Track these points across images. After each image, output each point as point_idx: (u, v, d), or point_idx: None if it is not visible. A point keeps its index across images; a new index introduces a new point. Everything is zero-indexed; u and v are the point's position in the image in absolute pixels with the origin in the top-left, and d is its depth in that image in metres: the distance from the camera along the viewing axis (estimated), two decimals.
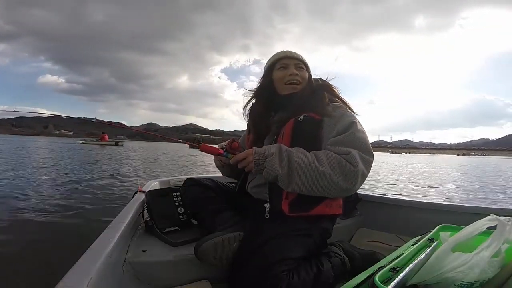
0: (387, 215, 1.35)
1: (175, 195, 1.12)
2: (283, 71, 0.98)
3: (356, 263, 0.90)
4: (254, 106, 1.06)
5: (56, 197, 3.29)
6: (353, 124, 0.86)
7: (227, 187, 1.12)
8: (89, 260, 0.58)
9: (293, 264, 0.76)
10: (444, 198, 4.73)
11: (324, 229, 0.90)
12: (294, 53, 1.01)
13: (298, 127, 0.90)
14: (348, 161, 0.78)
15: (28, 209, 2.69)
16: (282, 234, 0.81)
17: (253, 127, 1.05)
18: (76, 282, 0.49)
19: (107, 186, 4.15)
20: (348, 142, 0.82)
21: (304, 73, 1.00)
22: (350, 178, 0.78)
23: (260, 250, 0.78)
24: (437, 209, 1.24)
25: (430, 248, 0.71)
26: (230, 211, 1.01)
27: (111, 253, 0.64)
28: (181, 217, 1.07)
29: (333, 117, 0.89)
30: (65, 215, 2.57)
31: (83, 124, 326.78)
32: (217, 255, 0.80)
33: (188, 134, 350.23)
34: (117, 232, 0.75)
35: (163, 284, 0.81)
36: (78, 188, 3.94)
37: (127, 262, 0.78)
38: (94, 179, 4.77)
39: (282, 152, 0.83)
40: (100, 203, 3.12)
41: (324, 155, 0.81)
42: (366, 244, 1.18)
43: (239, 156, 0.89)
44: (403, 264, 0.63)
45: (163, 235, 0.94)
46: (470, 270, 0.61)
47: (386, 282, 0.55)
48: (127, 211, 0.96)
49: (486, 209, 1.10)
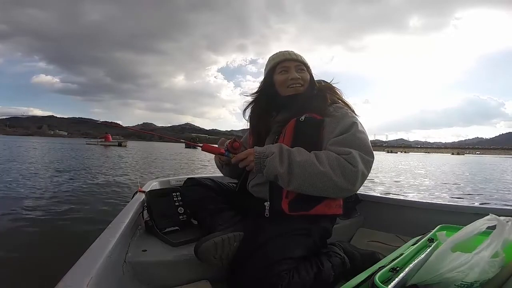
0: (387, 215, 1.35)
1: (175, 195, 1.12)
2: (284, 75, 0.98)
3: (356, 263, 0.90)
4: (256, 107, 1.06)
5: (56, 197, 3.29)
6: (354, 125, 0.86)
7: (227, 187, 1.12)
8: (89, 260, 0.58)
9: (294, 264, 0.76)
10: (444, 198, 4.73)
11: (324, 229, 0.90)
12: (294, 54, 1.01)
13: (300, 127, 0.90)
14: (348, 161, 0.78)
15: (28, 209, 2.69)
16: (282, 233, 0.81)
17: (254, 127, 1.05)
18: (76, 282, 0.49)
19: (108, 186, 4.15)
20: (349, 142, 0.82)
21: (306, 75, 1.00)
22: (350, 178, 0.78)
23: (261, 249, 0.78)
24: (437, 209, 1.24)
25: (430, 248, 0.72)
26: (230, 211, 1.01)
27: (111, 253, 0.64)
28: (181, 217, 1.07)
29: (334, 117, 0.89)
30: (65, 215, 2.57)
31: (78, 124, 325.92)
32: (217, 255, 0.80)
33: (184, 134, 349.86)
34: (117, 232, 0.75)
35: (163, 284, 0.81)
36: (78, 188, 3.94)
37: (127, 262, 0.78)
38: (94, 179, 4.77)
39: (282, 151, 0.83)
40: (100, 203, 3.12)
41: (324, 155, 0.81)
42: (366, 244, 1.19)
43: (240, 156, 0.89)
44: (403, 264, 0.64)
45: (163, 235, 0.94)
46: (470, 270, 0.61)
47: (386, 282, 0.55)
48: (127, 211, 0.96)
49: (486, 209, 1.10)
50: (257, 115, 1.05)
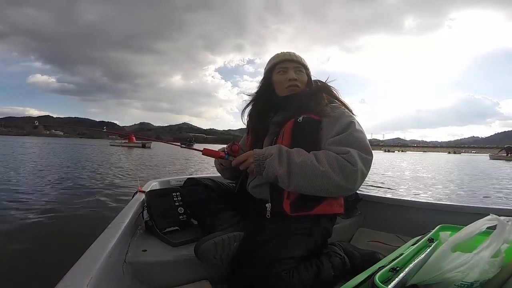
0: (387, 215, 1.35)
1: (175, 195, 1.12)
2: (282, 75, 0.99)
3: (356, 263, 0.90)
4: (254, 107, 1.07)
5: (56, 197, 3.29)
6: (352, 124, 0.87)
7: (227, 187, 1.12)
8: (89, 260, 0.58)
9: (294, 263, 0.76)
10: (444, 198, 4.73)
11: (325, 228, 0.90)
12: (293, 55, 1.01)
13: (298, 128, 0.91)
14: (347, 161, 0.79)
15: (28, 209, 2.69)
16: (282, 233, 0.81)
17: (252, 128, 1.06)
18: (76, 282, 0.49)
19: (108, 186, 4.14)
20: (347, 142, 0.83)
21: (303, 77, 1.00)
22: (350, 177, 0.78)
23: (261, 249, 0.78)
24: (437, 209, 1.24)
25: (430, 248, 0.71)
26: (230, 211, 1.01)
27: (111, 253, 0.64)
28: (181, 217, 1.07)
29: (332, 117, 0.89)
30: (65, 215, 2.57)
31: (74, 124, 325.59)
32: (217, 255, 0.80)
33: (182, 134, 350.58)
34: (117, 232, 0.75)
35: (163, 284, 0.81)
36: (78, 188, 3.94)
37: (127, 262, 0.78)
38: (95, 179, 4.77)
39: (282, 152, 0.84)
40: (100, 203, 3.12)
41: (323, 155, 0.81)
42: (366, 244, 1.18)
43: (240, 158, 0.90)
44: (403, 264, 0.63)
45: (163, 235, 0.94)
46: (470, 270, 0.61)
47: (386, 282, 0.55)
48: (127, 211, 0.96)
49: (486, 209, 1.10)
50: (255, 115, 1.05)
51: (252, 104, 1.08)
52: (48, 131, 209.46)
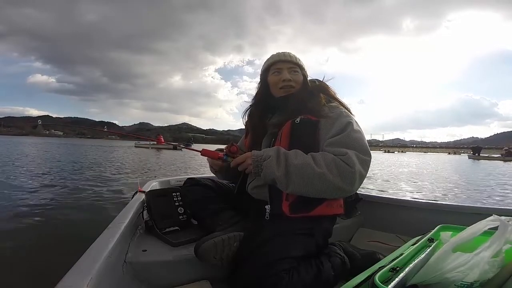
0: (387, 215, 1.35)
1: (175, 195, 1.12)
2: (277, 76, 0.98)
3: (356, 263, 0.90)
4: (252, 109, 1.07)
5: (56, 197, 3.29)
6: (349, 125, 0.86)
7: (227, 187, 1.12)
8: (89, 260, 0.58)
9: (294, 263, 0.76)
10: (444, 198, 4.73)
11: (325, 228, 0.90)
12: (288, 55, 1.00)
13: (295, 129, 0.90)
14: (345, 162, 0.78)
15: (28, 209, 2.69)
16: (282, 233, 0.81)
17: (250, 129, 1.06)
18: (76, 282, 0.49)
19: (108, 186, 4.14)
20: (345, 143, 0.83)
21: (298, 77, 0.99)
22: (348, 178, 0.78)
23: (261, 249, 0.78)
24: (437, 209, 1.24)
25: (430, 248, 0.72)
26: (230, 211, 1.01)
27: (111, 253, 0.64)
28: (181, 217, 1.07)
29: (329, 118, 0.89)
30: (65, 215, 2.56)
31: (73, 124, 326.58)
32: (217, 255, 0.80)
33: (181, 134, 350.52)
34: (117, 232, 0.75)
35: (163, 284, 0.81)
36: (78, 188, 3.93)
37: (127, 262, 0.78)
38: (95, 179, 4.77)
39: (279, 154, 0.83)
40: (100, 203, 3.12)
41: (321, 156, 0.81)
42: (366, 244, 1.18)
43: (238, 159, 0.90)
44: (403, 264, 0.64)
45: (163, 235, 0.94)
46: (470, 270, 0.61)
47: (386, 282, 0.55)
48: (127, 211, 0.96)
49: (486, 209, 1.10)
50: (253, 116, 1.05)
51: (251, 106, 1.08)
52: (48, 131, 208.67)
